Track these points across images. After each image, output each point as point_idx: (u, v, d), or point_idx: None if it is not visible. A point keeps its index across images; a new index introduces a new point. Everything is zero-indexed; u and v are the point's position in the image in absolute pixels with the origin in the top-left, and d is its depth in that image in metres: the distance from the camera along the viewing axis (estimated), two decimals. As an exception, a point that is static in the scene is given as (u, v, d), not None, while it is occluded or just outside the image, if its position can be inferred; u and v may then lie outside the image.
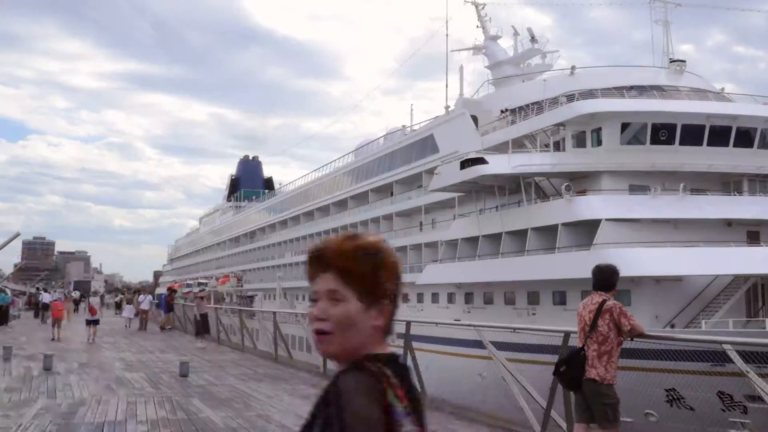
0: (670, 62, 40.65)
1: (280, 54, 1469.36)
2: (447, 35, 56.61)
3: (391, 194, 54.98)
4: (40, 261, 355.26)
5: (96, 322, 33.09)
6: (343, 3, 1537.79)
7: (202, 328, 36.55)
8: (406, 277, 46.46)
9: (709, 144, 33.62)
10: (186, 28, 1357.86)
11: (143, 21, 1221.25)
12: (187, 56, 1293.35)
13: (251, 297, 76.75)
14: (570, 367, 8.13)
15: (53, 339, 32.36)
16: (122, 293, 72.79)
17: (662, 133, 33.55)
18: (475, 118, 43.82)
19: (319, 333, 2.30)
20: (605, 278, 8.30)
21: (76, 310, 53.89)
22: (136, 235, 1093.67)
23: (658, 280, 29.57)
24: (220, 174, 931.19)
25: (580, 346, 8.13)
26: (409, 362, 14.91)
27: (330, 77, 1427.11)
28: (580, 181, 34.87)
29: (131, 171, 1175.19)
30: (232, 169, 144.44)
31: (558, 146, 36.48)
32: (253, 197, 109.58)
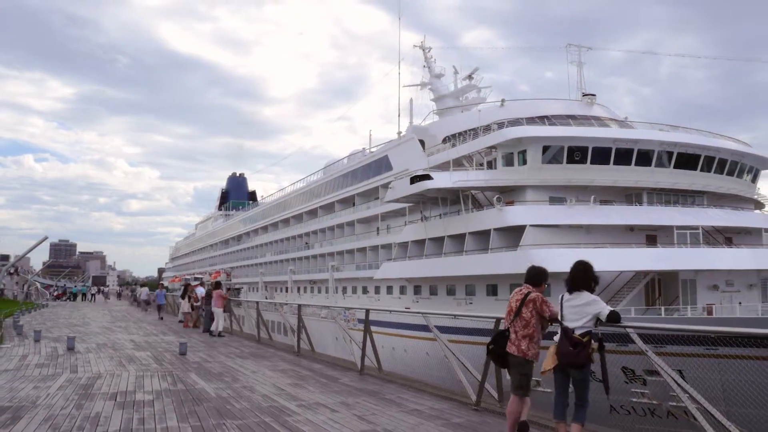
0: (583, 96, 41.14)
1: (213, 78, 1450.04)
2: (399, 73, 57.08)
3: (354, 204, 54.85)
4: (65, 260, 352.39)
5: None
6: (253, 29, 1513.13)
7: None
8: (366, 274, 46.56)
9: (615, 163, 33.94)
10: (138, 54, 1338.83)
11: (102, 50, 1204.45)
12: (140, 80, 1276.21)
13: (238, 289, 76.42)
14: (496, 345, 8.27)
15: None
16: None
17: (576, 154, 33.87)
18: (422, 142, 43.94)
19: None
20: (531, 276, 8.46)
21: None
22: (134, 237, 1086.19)
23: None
24: (195, 185, 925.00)
25: (506, 328, 8.28)
26: (368, 343, 15.04)
27: (258, 100, 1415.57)
28: (508, 194, 35.14)
29: (118, 183, 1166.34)
30: (206, 182, 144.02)
31: (490, 165, 36.69)
32: (240, 207, 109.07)
